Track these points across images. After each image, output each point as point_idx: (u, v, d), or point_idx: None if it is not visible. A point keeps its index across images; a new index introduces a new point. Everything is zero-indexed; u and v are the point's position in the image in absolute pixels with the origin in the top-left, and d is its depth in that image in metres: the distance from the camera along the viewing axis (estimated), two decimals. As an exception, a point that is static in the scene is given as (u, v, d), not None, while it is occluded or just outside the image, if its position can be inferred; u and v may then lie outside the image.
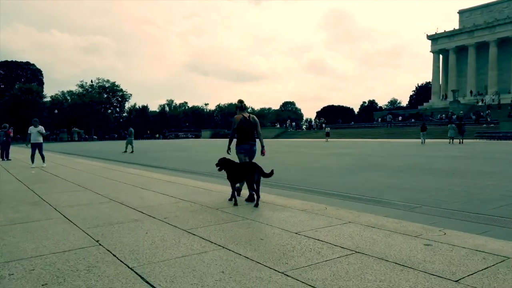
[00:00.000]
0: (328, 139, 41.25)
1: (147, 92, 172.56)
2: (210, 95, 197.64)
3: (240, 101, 6.49)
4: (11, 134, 17.97)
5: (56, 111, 74.65)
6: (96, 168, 12.68)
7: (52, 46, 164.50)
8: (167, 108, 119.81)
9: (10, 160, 17.26)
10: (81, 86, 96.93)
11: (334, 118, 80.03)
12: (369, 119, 77.03)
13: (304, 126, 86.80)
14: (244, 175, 5.79)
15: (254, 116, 6.54)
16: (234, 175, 5.97)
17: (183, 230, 4.38)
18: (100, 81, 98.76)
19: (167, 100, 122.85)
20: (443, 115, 54.26)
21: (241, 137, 6.35)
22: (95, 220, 4.96)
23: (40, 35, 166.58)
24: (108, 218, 5.07)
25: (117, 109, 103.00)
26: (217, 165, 6.23)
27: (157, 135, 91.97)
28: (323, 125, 60.70)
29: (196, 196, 6.75)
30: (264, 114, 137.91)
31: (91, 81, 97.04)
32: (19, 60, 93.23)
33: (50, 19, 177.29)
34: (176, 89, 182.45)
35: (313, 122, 74.00)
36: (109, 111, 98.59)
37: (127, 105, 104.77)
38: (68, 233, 4.36)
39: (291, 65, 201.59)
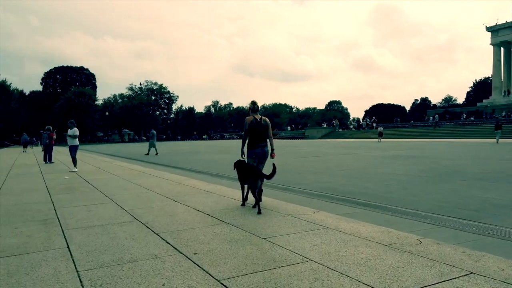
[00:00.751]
0: (381, 139, 38.56)
1: (193, 94, 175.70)
2: (255, 96, 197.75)
3: (253, 103, 6.26)
4: (54, 137, 17.68)
5: (107, 113, 77.17)
6: (133, 174, 11.70)
7: (106, 52, 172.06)
8: (212, 109, 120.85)
9: (53, 163, 16.92)
10: (131, 89, 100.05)
11: (384, 117, 76.15)
12: (421, 117, 72.36)
13: (351, 126, 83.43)
14: (247, 178, 5.79)
15: (266, 118, 6.28)
16: (241, 176, 6.03)
17: (216, 281, 2.95)
18: (148, 83, 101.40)
19: (212, 101, 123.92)
20: (509, 113, 49.34)
21: (252, 139, 6.15)
22: (102, 255, 3.67)
23: (95, 42, 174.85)
24: (120, 251, 3.77)
25: (165, 110, 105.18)
26: (234, 167, 6.24)
27: (204, 136, 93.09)
28: (374, 124, 57.53)
29: (239, 215, 5.33)
30: (309, 114, 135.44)
31: (140, 84, 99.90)
32: (74, 65, 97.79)
33: (104, 27, 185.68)
34: (222, 91, 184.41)
35: (362, 121, 70.67)
36: (157, 112, 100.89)
37: (174, 107, 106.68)
38: (57, 278, 3.08)
39: (337, 64, 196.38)
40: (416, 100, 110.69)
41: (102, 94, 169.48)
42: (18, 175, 11.93)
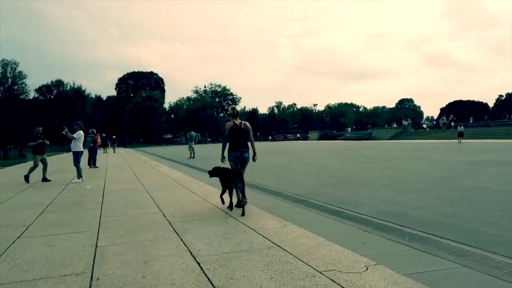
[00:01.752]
0: (461, 140, 33.92)
1: (257, 95, 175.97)
2: (320, 96, 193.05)
3: (233, 108, 6.53)
4: (99, 140, 17.09)
5: (172, 116, 79.19)
6: (162, 183, 10.24)
7: (176, 57, 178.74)
8: (276, 110, 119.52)
9: (97, 167, 16.27)
10: (196, 91, 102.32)
11: (462, 115, 68.79)
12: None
13: (425, 125, 76.80)
14: (228, 181, 6.01)
15: (247, 123, 6.38)
16: (222, 182, 6.21)
17: None
18: (212, 86, 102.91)
19: (276, 102, 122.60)
20: None
21: (232, 144, 6.24)
22: None
23: (166, 48, 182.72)
24: None
25: (228, 112, 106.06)
26: (209, 172, 6.44)
27: (269, 137, 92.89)
28: (452, 123, 51.74)
29: (247, 266, 3.37)
30: (377, 113, 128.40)
31: (204, 87, 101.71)
32: (144, 71, 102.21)
33: (174, 33, 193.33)
34: (286, 91, 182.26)
35: (439, 120, 64.37)
36: (221, 114, 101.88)
37: (237, 108, 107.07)
38: None
39: (408, 60, 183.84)
40: (501, 95, 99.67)
41: (171, 97, 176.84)
42: (41, 184, 11.02)
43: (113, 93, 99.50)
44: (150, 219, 5.67)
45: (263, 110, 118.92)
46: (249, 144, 6.33)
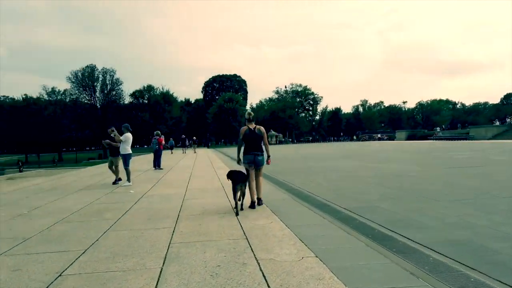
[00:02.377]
0: None
1: (342, 94, 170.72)
2: (410, 93, 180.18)
3: (249, 113, 6.69)
4: (163, 142, 17.18)
5: (252, 117, 80.00)
6: (208, 189, 9.55)
7: (261, 60, 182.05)
8: (361, 109, 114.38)
9: (161, 169, 16.33)
10: (277, 92, 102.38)
11: None
12: None
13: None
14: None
15: (261, 128, 6.55)
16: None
17: None
18: (293, 86, 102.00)
19: (361, 100, 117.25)
20: None
21: (246, 147, 6.49)
22: None
23: (251, 51, 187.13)
24: None
25: (310, 112, 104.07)
26: (227, 176, 6.49)
27: (354, 137, 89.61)
28: None
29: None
30: (478, 110, 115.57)
31: (285, 87, 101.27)
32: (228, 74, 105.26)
33: (260, 37, 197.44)
34: (372, 89, 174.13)
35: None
36: (302, 114, 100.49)
37: (319, 108, 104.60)
38: None
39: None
40: None
41: (257, 98, 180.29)
42: (96, 186, 11.07)
43: (201, 96, 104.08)
44: (152, 237, 4.88)
45: (347, 109, 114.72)
46: (263, 147, 6.55)
